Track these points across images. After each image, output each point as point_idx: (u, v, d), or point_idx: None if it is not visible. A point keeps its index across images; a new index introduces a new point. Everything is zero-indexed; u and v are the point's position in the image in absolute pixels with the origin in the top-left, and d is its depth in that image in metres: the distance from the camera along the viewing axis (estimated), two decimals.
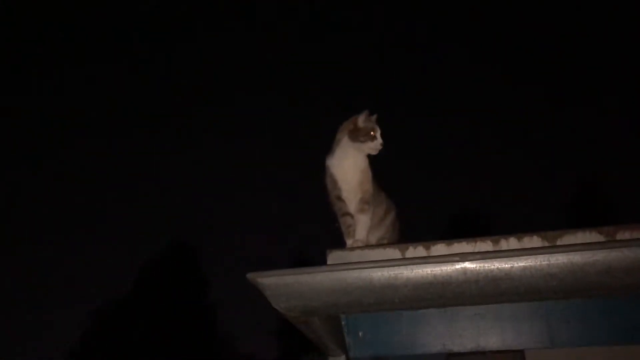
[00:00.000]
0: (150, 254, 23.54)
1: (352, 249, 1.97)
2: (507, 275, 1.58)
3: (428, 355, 1.92)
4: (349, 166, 2.14)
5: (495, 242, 1.80)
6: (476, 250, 1.77)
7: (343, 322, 1.83)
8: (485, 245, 1.80)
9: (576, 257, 1.54)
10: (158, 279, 22.46)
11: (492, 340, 1.79)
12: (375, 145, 2.17)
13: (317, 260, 2.05)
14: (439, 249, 1.83)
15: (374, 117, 2.22)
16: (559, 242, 1.75)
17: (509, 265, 1.58)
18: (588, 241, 1.72)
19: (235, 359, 22.19)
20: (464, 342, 1.81)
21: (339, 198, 2.14)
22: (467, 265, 1.60)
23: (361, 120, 2.18)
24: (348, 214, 2.11)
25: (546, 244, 1.75)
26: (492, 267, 1.59)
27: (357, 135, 2.14)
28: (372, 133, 2.16)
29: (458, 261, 1.61)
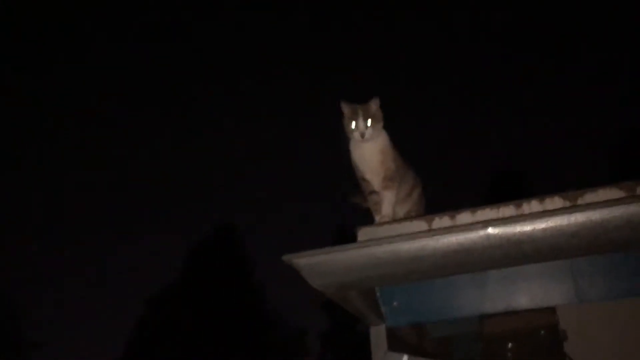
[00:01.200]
0: (197, 237, 24.15)
1: (380, 224, 2.06)
2: (529, 238, 1.65)
3: (462, 319, 2.01)
4: (366, 149, 2.21)
5: (518, 206, 1.86)
6: (500, 216, 1.83)
7: (378, 294, 1.93)
8: (509, 210, 1.86)
9: (595, 215, 1.60)
10: (206, 260, 23.02)
11: (523, 300, 1.86)
12: (354, 136, 2.23)
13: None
14: (464, 217, 1.90)
15: (354, 105, 2.25)
16: (579, 201, 1.80)
17: (530, 228, 1.64)
18: (609, 198, 1.76)
19: (288, 333, 22.68)
20: (496, 304, 1.89)
21: (364, 179, 2.23)
22: (490, 231, 1.68)
23: (343, 109, 2.26)
24: (374, 192, 2.20)
25: (567, 204, 1.80)
26: (514, 231, 1.66)
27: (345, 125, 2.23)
28: (350, 122, 2.22)
29: (481, 228, 1.69)
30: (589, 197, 1.81)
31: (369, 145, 2.20)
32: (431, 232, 1.79)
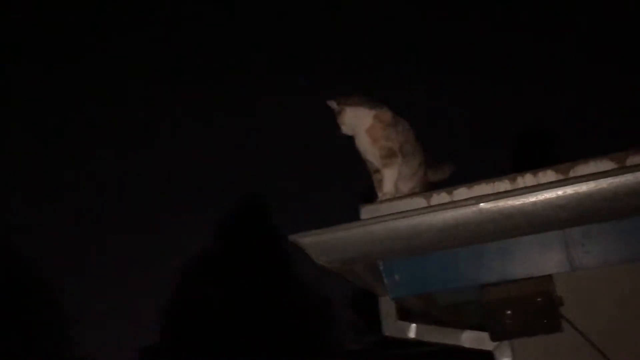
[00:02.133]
0: (228, 212, 24.56)
1: (382, 201, 2.15)
2: (519, 211, 1.73)
3: (463, 288, 2.11)
4: (357, 136, 2.31)
5: (512, 180, 1.93)
6: (494, 191, 1.91)
7: (380, 268, 2.03)
8: (503, 185, 1.93)
9: (582, 187, 1.68)
10: (236, 234, 23.43)
11: (519, 269, 1.94)
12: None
13: None
14: (461, 192, 1.98)
15: (338, 103, 2.36)
16: (571, 174, 1.86)
17: (520, 202, 1.73)
18: (599, 169, 1.82)
19: (318, 302, 23.09)
20: (494, 274, 1.98)
21: (365, 159, 2.33)
22: (482, 206, 1.76)
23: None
24: (377, 170, 2.29)
25: (560, 176, 1.87)
26: (506, 205, 1.74)
27: None
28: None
29: (474, 203, 1.77)
30: (580, 169, 1.87)
31: (358, 129, 2.29)
32: (428, 208, 1.88)
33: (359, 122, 2.30)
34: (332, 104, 2.37)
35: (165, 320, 23.45)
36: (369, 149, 2.29)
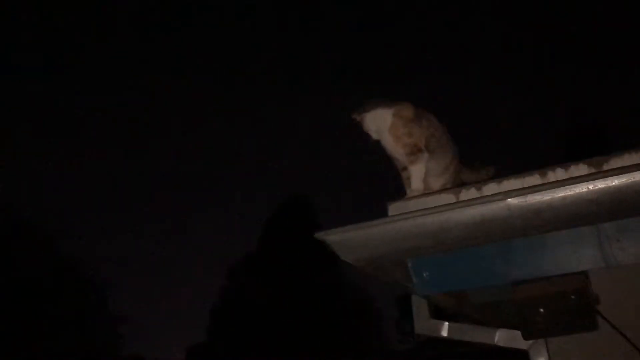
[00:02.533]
0: (272, 212, 24.79)
1: (410, 198, 2.13)
2: (548, 207, 1.69)
3: (494, 286, 2.07)
4: (378, 134, 2.31)
5: (543, 175, 1.89)
6: (524, 185, 1.87)
7: (409, 265, 2.02)
8: (533, 179, 1.89)
9: (614, 181, 1.62)
10: (281, 230, 23.61)
11: (551, 266, 1.90)
12: None
13: None
14: (490, 188, 1.94)
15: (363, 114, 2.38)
16: (605, 167, 1.81)
17: (549, 197, 1.69)
18: (635, 162, 1.76)
19: (361, 299, 23.02)
20: (527, 271, 1.94)
21: (393, 157, 2.32)
22: (510, 201, 1.73)
23: None
24: (405, 168, 2.27)
25: (592, 170, 1.82)
26: (533, 200, 1.70)
27: None
28: None
29: (501, 199, 1.74)
30: (614, 162, 1.81)
31: (381, 130, 2.29)
32: (455, 204, 1.86)
33: (381, 123, 2.29)
34: (355, 117, 2.37)
35: (213, 319, 23.84)
36: (393, 147, 2.28)
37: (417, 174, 2.21)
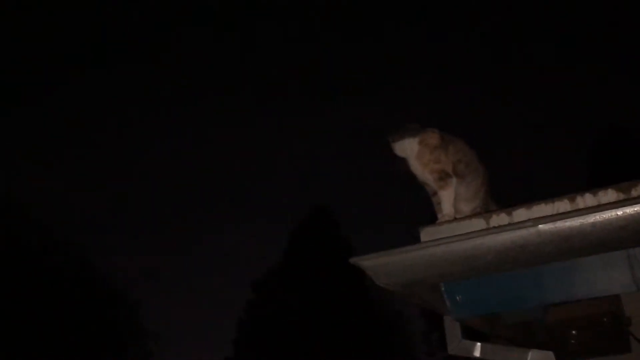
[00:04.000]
0: (298, 224, 24.88)
1: (441, 223, 2.18)
2: (578, 233, 1.74)
3: (527, 310, 2.11)
4: (409, 162, 2.38)
5: (572, 200, 1.93)
6: (554, 211, 1.91)
7: (442, 289, 2.07)
8: (563, 205, 1.93)
9: None
10: (306, 243, 23.67)
11: (582, 289, 1.93)
12: None
13: None
14: (520, 214, 1.98)
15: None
16: (633, 193, 1.84)
17: (579, 223, 1.73)
18: None
19: (387, 313, 22.92)
20: (558, 294, 1.97)
21: (423, 184, 2.39)
22: (541, 227, 1.77)
23: None
24: (435, 193, 2.33)
25: (621, 196, 1.85)
26: (563, 226, 1.75)
27: None
28: None
29: (532, 225, 1.79)
30: None
31: (409, 158, 2.37)
32: (487, 230, 1.91)
33: (409, 151, 2.38)
34: (389, 140, 2.46)
35: (242, 333, 23.93)
36: (422, 173, 2.35)
37: (447, 199, 2.27)
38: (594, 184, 2.15)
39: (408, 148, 2.38)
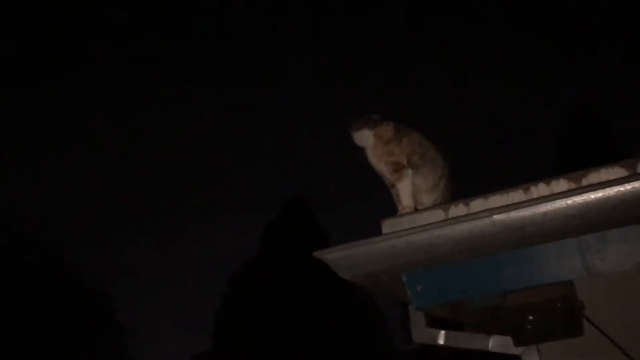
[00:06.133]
0: (272, 216, 24.90)
1: (402, 215, 2.23)
2: (531, 222, 1.80)
3: (486, 297, 2.18)
4: (368, 154, 2.43)
5: (526, 190, 1.99)
6: (509, 201, 1.97)
7: (403, 279, 2.12)
8: (517, 195, 1.99)
9: (590, 197, 1.73)
10: (282, 236, 23.70)
11: (539, 276, 2.00)
12: None
13: None
14: (477, 204, 2.04)
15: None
16: (584, 182, 1.91)
17: (531, 213, 1.79)
18: (610, 177, 1.87)
19: (364, 300, 23.08)
20: (515, 281, 2.04)
21: (381, 176, 2.43)
22: (495, 217, 1.83)
23: None
24: (392, 185, 2.38)
25: (572, 185, 1.92)
26: (517, 216, 1.81)
27: None
28: None
29: (487, 216, 1.85)
30: (593, 177, 1.92)
31: (366, 149, 2.41)
32: (444, 222, 1.96)
33: (365, 142, 2.42)
34: (348, 130, 2.49)
35: (217, 327, 23.91)
36: (377, 165, 2.40)
37: (405, 191, 2.32)
38: (563, 171, 2.20)
39: (365, 139, 2.42)
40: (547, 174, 2.06)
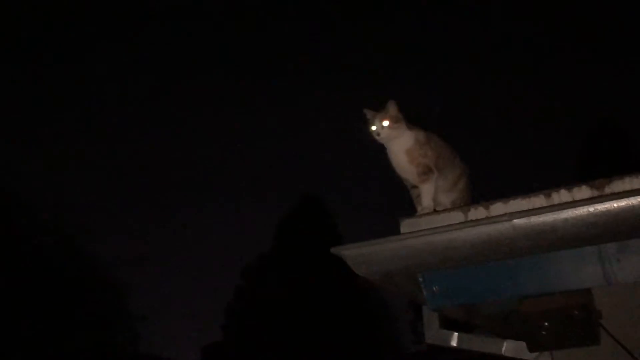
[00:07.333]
0: (287, 212, 24.96)
1: (421, 215, 2.23)
2: (551, 228, 1.79)
3: (502, 302, 2.17)
4: (393, 153, 2.40)
5: (547, 196, 1.98)
6: (530, 206, 1.96)
7: (420, 279, 2.12)
8: (539, 200, 1.98)
9: (613, 205, 1.72)
10: (296, 230, 23.76)
11: (556, 283, 1.99)
12: (373, 137, 2.42)
13: None
14: (497, 208, 2.03)
15: (373, 111, 2.45)
16: (607, 190, 1.89)
17: (552, 219, 1.78)
18: (636, 186, 1.85)
19: (375, 303, 23.05)
20: (532, 287, 2.03)
21: (402, 177, 2.43)
22: (515, 222, 1.83)
23: (367, 115, 2.48)
24: (414, 186, 2.38)
25: (595, 192, 1.90)
26: (537, 221, 1.80)
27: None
28: (370, 126, 2.43)
29: (507, 220, 1.84)
30: (616, 185, 1.90)
31: (394, 148, 2.39)
32: (464, 223, 1.96)
33: (398, 140, 2.39)
34: (368, 114, 2.46)
35: (229, 319, 24.05)
36: (407, 167, 2.38)
37: (427, 193, 2.32)
38: (584, 178, 2.18)
39: (400, 137, 2.39)
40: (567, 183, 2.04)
